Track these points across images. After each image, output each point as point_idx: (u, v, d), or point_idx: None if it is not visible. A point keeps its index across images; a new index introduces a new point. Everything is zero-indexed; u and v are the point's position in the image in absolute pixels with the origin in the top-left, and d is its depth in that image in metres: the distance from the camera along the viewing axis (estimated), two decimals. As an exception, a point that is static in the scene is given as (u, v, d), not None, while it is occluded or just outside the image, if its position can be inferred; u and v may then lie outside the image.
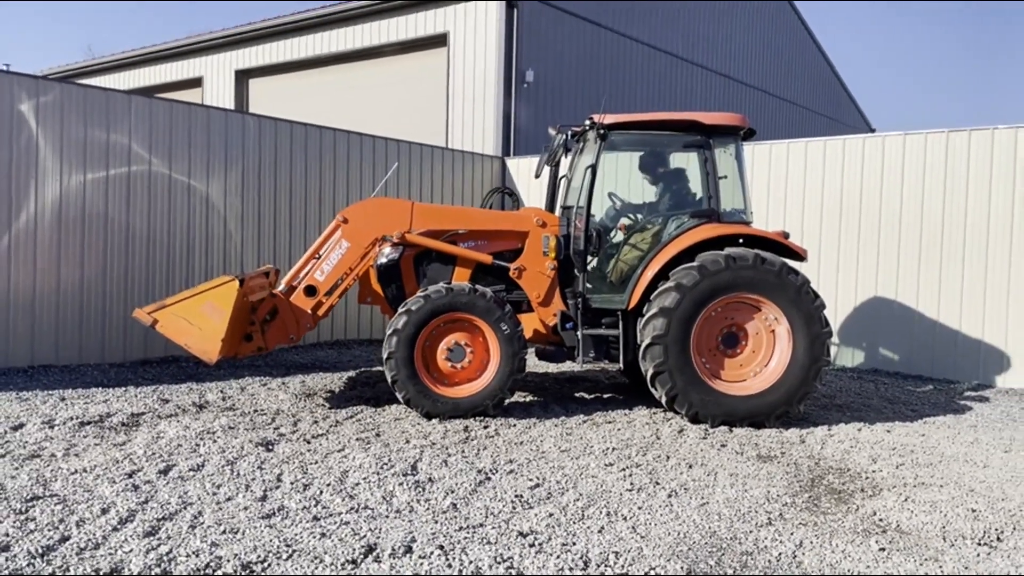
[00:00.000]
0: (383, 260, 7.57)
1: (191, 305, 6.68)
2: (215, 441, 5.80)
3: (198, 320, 6.66)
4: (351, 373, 9.03)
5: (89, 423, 6.27)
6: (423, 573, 3.63)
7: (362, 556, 3.79)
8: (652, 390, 6.99)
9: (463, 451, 5.82)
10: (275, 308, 7.23)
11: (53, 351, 8.56)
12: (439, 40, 15.53)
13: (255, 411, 6.93)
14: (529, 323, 7.40)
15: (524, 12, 14.80)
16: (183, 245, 9.63)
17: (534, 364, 9.03)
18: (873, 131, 28.55)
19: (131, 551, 3.73)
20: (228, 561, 3.65)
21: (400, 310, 6.84)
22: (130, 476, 4.91)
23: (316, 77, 17.96)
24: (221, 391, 7.75)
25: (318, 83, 17.88)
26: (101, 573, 3.49)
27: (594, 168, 7.16)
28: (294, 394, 7.70)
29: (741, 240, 7.18)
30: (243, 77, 19.46)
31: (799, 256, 7.28)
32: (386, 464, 5.37)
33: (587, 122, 7.41)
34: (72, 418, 6.37)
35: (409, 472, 5.23)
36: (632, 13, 17.54)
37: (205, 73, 20.04)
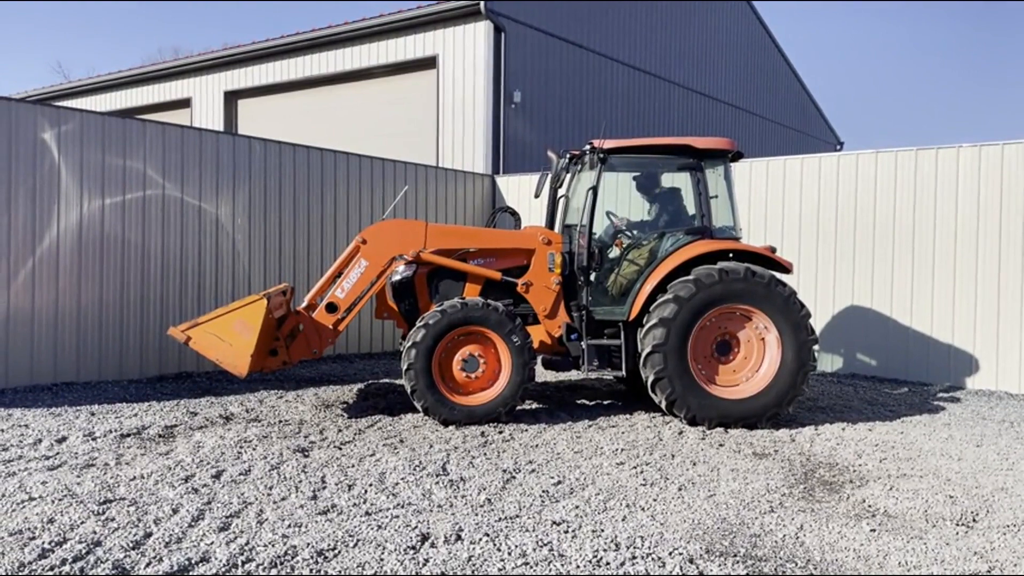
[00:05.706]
0: (397, 277, 8.01)
1: (222, 323, 7.09)
2: (254, 449, 6.21)
3: (229, 336, 7.06)
4: (360, 385, 9.45)
5: (128, 435, 6.66)
6: (477, 555, 4.10)
7: (419, 543, 4.25)
8: (652, 395, 7.51)
9: (485, 454, 6.29)
10: (298, 324, 7.66)
11: (74, 368, 8.91)
12: (429, 62, 16.03)
13: (280, 422, 7.34)
14: (536, 335, 7.89)
15: (511, 36, 15.39)
16: (195, 264, 10.02)
17: (537, 373, 9.52)
18: (841, 143, 29.57)
19: (213, 543, 4.17)
20: (303, 549, 4.10)
21: (418, 324, 7.29)
22: (186, 481, 5.33)
23: (306, 97, 18.35)
24: (241, 404, 8.14)
25: (308, 103, 18.27)
26: (193, 561, 3.92)
27: (595, 189, 7.68)
28: (312, 406, 8.12)
29: (732, 255, 7.74)
30: (232, 98, 19.79)
31: (785, 269, 7.84)
32: (418, 466, 5.83)
33: (587, 146, 7.95)
34: (111, 431, 6.75)
35: (441, 473, 5.70)
36: (613, 34, 18.21)
37: (193, 94, 20.35)
